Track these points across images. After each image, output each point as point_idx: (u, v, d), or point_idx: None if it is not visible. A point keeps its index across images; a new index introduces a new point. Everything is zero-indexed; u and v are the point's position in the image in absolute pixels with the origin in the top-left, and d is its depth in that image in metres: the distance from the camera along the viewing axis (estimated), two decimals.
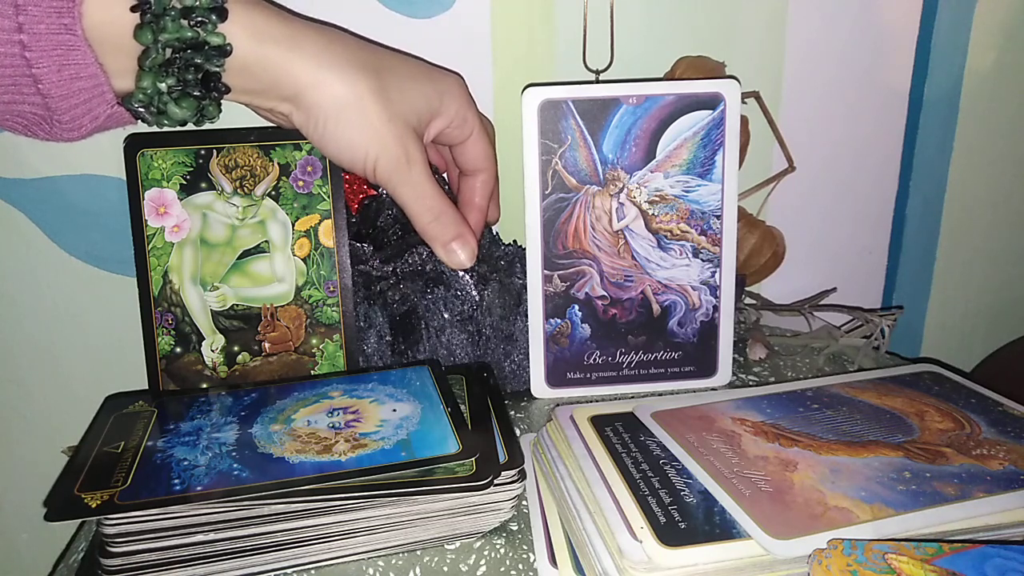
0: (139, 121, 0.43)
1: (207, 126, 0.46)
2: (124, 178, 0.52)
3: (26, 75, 0.39)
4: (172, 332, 0.52)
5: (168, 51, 0.40)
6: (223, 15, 0.40)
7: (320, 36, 0.44)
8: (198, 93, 0.42)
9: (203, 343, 0.52)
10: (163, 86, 0.41)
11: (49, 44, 0.38)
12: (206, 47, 0.40)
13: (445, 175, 0.58)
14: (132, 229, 0.51)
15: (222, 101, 0.44)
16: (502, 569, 0.40)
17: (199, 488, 0.39)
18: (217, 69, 0.41)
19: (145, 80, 0.40)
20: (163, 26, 0.39)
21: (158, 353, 0.52)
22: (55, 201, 0.60)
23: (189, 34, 0.40)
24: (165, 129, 0.44)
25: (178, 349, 0.52)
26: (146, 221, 0.51)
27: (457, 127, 0.50)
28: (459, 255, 0.50)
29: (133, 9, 0.39)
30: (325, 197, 0.53)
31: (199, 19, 0.40)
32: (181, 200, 0.51)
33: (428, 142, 0.51)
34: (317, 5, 0.59)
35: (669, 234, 0.55)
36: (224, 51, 0.41)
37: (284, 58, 0.42)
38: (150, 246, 0.51)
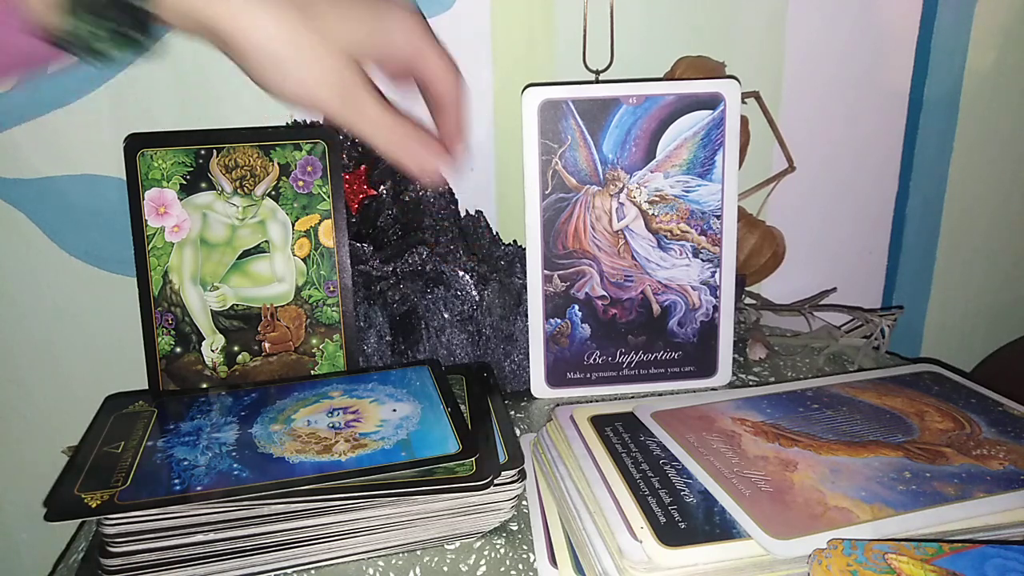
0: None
1: (205, 126, 0.46)
2: (124, 178, 0.52)
3: None
4: (172, 332, 0.52)
5: None
6: None
7: None
8: (132, 33, 0.38)
9: (203, 343, 0.52)
10: (100, 31, 0.38)
11: None
12: None
13: None
14: (132, 229, 0.51)
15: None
16: (502, 569, 0.40)
17: (199, 488, 0.39)
18: (148, 8, 0.38)
19: (70, 22, 0.37)
20: None
21: (158, 353, 0.52)
22: (55, 201, 0.60)
23: None
24: (166, 130, 0.43)
25: (178, 349, 0.52)
26: (146, 221, 0.51)
27: (403, 47, 0.46)
28: (430, 165, 0.47)
29: None
30: (325, 197, 0.53)
31: None
32: (181, 200, 0.51)
33: (380, 77, 0.47)
34: None
35: (669, 234, 0.55)
36: None
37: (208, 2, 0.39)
38: (150, 246, 0.51)
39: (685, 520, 0.38)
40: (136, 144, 0.51)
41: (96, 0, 0.37)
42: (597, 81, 0.62)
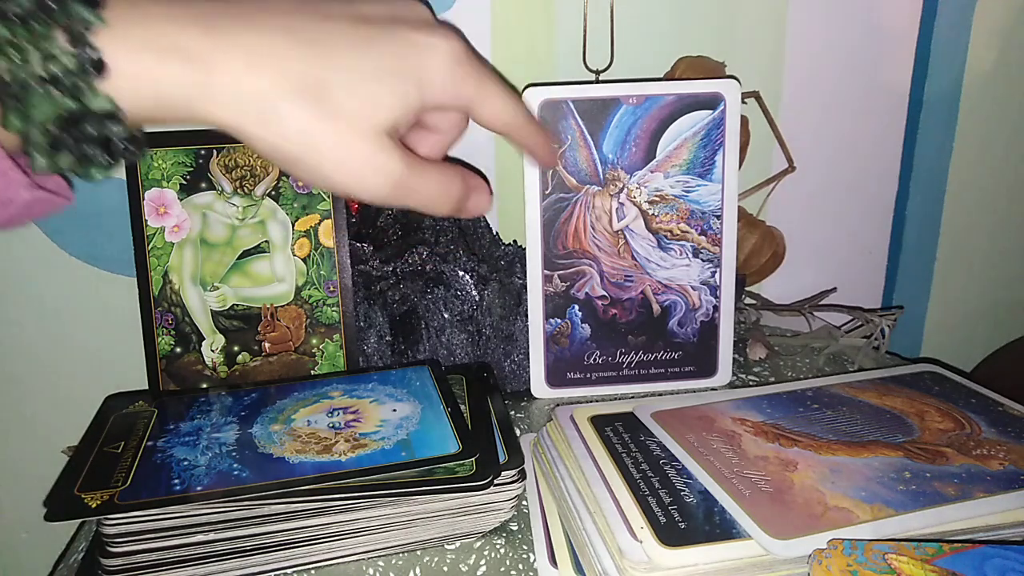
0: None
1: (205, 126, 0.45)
2: (124, 178, 0.52)
3: None
4: (172, 332, 0.52)
5: (51, 128, 0.31)
6: (100, 68, 0.30)
7: (240, 36, 0.32)
8: (105, 160, 0.32)
9: (203, 343, 0.52)
10: (64, 164, 0.31)
11: None
12: (91, 116, 0.31)
13: None
14: (132, 229, 0.51)
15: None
16: (502, 569, 0.40)
17: (199, 488, 0.39)
18: (118, 136, 0.32)
19: (39, 162, 0.31)
20: (32, 104, 0.30)
21: (158, 353, 0.52)
22: None
23: (67, 106, 0.30)
24: (164, 129, 0.43)
25: (178, 349, 0.52)
26: (146, 221, 0.51)
27: (451, 101, 0.37)
28: (479, 208, 0.40)
29: None
30: (325, 197, 0.53)
31: (71, 85, 0.30)
32: (181, 200, 0.51)
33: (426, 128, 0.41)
34: None
35: (669, 234, 0.55)
36: (115, 116, 0.31)
37: (199, 95, 0.32)
38: (150, 246, 0.51)
39: (685, 520, 0.38)
40: None
41: (50, 138, 0.31)
42: (597, 81, 0.62)
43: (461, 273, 0.55)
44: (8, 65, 0.29)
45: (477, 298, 0.55)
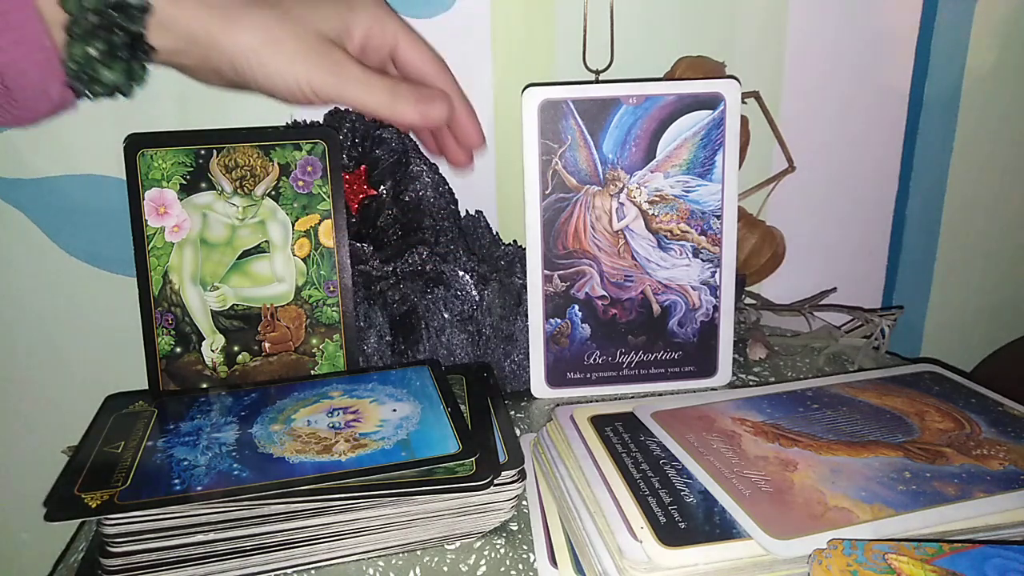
0: (77, 98, 0.44)
1: (206, 126, 0.46)
2: (124, 178, 0.52)
3: None
4: (172, 332, 0.52)
5: (93, 16, 0.41)
6: None
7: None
8: (126, 55, 0.43)
9: (203, 343, 0.52)
10: (93, 51, 0.42)
11: (2, 24, 0.39)
12: (128, 8, 0.42)
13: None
14: (132, 229, 0.51)
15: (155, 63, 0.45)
16: (502, 569, 0.40)
17: (199, 488, 0.39)
18: (141, 29, 0.43)
19: (75, 47, 0.41)
20: None
21: (158, 353, 0.52)
22: (55, 201, 0.60)
23: None
24: (166, 130, 0.44)
25: (178, 349, 0.52)
26: (146, 221, 0.51)
27: (378, 34, 0.50)
28: (432, 110, 0.50)
29: None
30: (325, 197, 0.53)
31: None
32: (181, 200, 0.51)
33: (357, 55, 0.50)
34: None
35: (669, 234, 0.55)
36: (145, 9, 0.42)
37: (194, 9, 0.44)
38: (150, 246, 0.51)
39: (685, 520, 0.38)
40: (136, 144, 0.51)
41: (91, 24, 0.41)
42: (597, 81, 0.62)
43: (461, 273, 0.55)
44: None
45: (477, 298, 0.55)
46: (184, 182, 0.51)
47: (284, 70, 0.47)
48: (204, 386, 0.52)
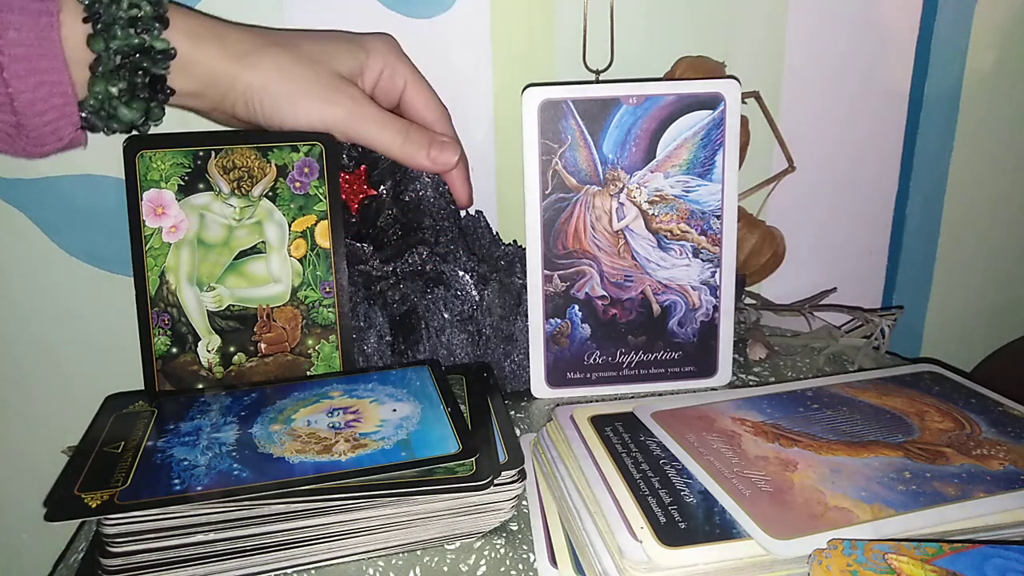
0: (90, 132, 0.46)
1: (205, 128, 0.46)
2: (123, 178, 0.52)
3: (2, 93, 0.41)
4: (168, 332, 0.52)
5: (118, 57, 0.43)
6: (166, 23, 0.45)
7: (238, 31, 0.49)
8: (146, 95, 0.45)
9: (199, 343, 0.52)
10: (114, 90, 0.44)
11: (27, 68, 0.41)
12: (152, 52, 0.44)
13: None
14: (130, 229, 0.51)
15: (167, 106, 0.47)
16: (502, 569, 0.40)
17: (199, 488, 0.39)
18: (163, 72, 0.45)
19: (98, 85, 0.44)
20: (113, 34, 0.43)
21: (154, 353, 0.52)
22: (55, 201, 0.60)
23: (136, 41, 0.43)
24: (165, 131, 0.44)
25: (174, 349, 0.52)
26: (144, 221, 0.51)
27: (388, 78, 0.53)
28: (443, 155, 0.53)
29: (85, 20, 0.43)
30: (322, 198, 0.53)
31: (145, 27, 0.44)
32: (179, 201, 0.51)
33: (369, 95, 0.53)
34: (317, 6, 0.59)
35: (669, 234, 0.55)
36: (169, 54, 0.45)
37: (214, 55, 0.47)
38: (148, 246, 0.51)
39: (685, 520, 0.38)
40: (135, 145, 0.51)
41: (116, 64, 0.44)
42: (597, 81, 0.62)
43: (461, 273, 0.55)
44: (107, 3, 0.43)
45: (477, 298, 0.55)
46: (182, 183, 0.51)
47: (300, 108, 0.49)
48: (200, 387, 0.52)
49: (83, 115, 0.45)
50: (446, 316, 0.55)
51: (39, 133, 0.43)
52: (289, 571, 0.40)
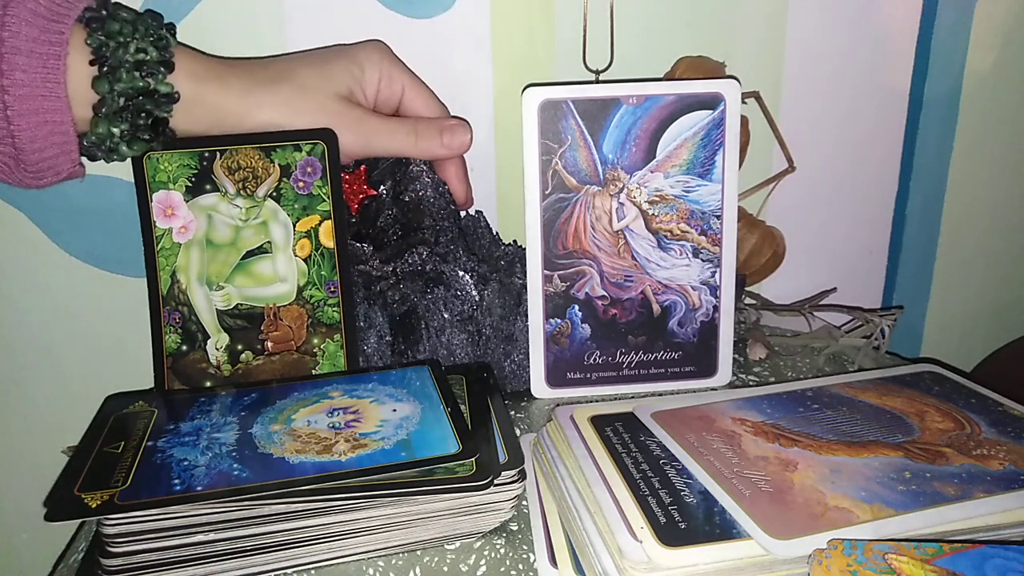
0: (93, 161, 0.47)
1: None
2: (125, 179, 0.52)
3: (2, 129, 0.42)
4: (179, 331, 0.52)
5: (122, 99, 0.44)
6: (171, 67, 0.45)
7: (238, 69, 0.50)
8: (147, 136, 0.46)
9: (208, 341, 0.52)
10: (116, 131, 0.45)
11: (31, 107, 0.42)
12: (156, 95, 0.45)
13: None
14: (142, 230, 0.52)
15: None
16: (502, 569, 0.40)
17: (199, 488, 0.39)
18: (166, 114, 0.46)
19: (100, 126, 0.45)
20: (119, 77, 0.44)
21: (165, 351, 0.52)
22: (56, 201, 0.60)
23: (141, 84, 0.44)
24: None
25: (184, 347, 0.52)
26: (155, 222, 0.51)
27: (387, 86, 0.54)
28: (455, 139, 0.54)
29: (92, 63, 0.44)
30: (325, 198, 0.53)
31: (150, 71, 0.45)
32: (187, 202, 0.52)
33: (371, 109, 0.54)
34: (317, 7, 0.59)
35: (669, 234, 0.55)
36: (172, 98, 0.46)
37: (217, 95, 0.48)
38: (159, 247, 0.52)
39: (685, 520, 0.38)
40: None
41: (119, 106, 0.45)
42: (597, 81, 0.62)
43: (461, 273, 0.55)
44: (114, 47, 0.44)
45: (477, 298, 0.55)
46: (189, 184, 0.51)
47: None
48: (208, 384, 0.52)
49: (84, 147, 0.46)
50: (446, 316, 0.55)
51: (37, 168, 0.44)
52: (289, 571, 0.40)
